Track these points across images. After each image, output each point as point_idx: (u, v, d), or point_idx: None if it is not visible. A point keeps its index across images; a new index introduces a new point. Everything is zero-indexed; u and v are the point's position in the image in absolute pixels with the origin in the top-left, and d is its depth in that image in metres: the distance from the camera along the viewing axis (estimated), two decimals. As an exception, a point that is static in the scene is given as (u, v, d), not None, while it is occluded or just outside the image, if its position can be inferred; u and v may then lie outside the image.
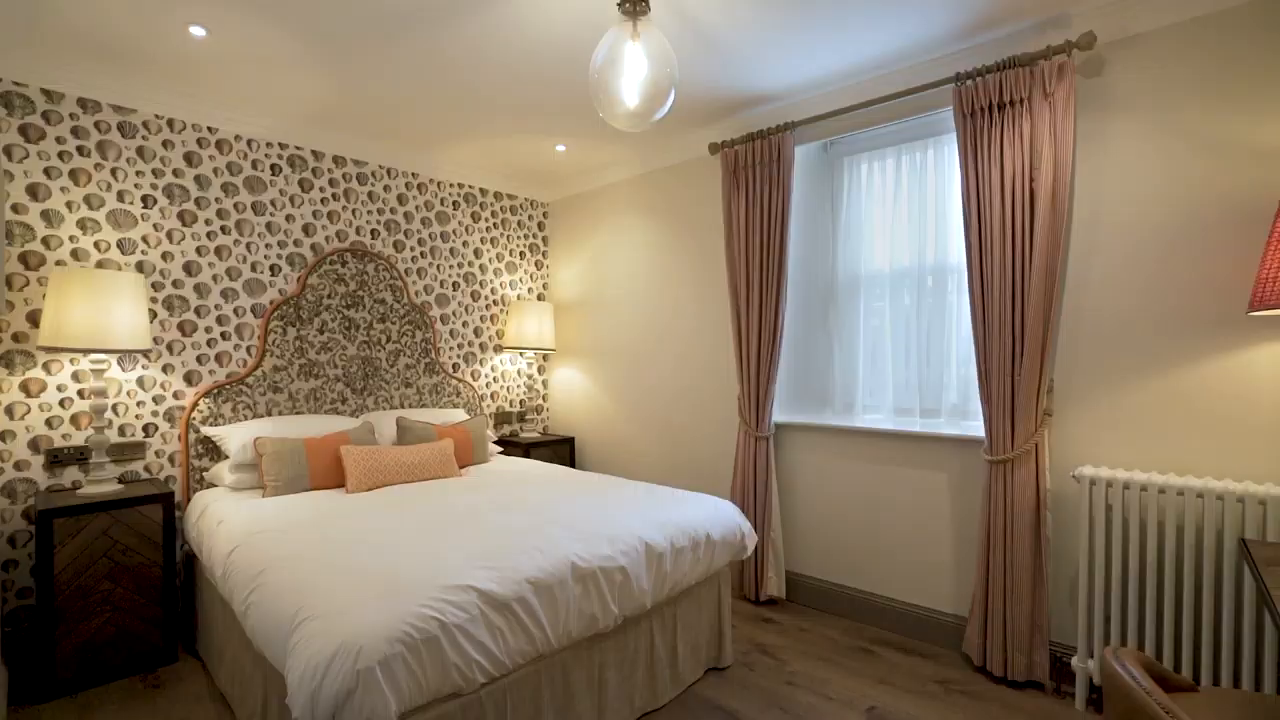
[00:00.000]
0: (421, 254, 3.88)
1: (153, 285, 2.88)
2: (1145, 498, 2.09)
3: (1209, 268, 2.10)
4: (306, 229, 3.37)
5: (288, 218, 3.30)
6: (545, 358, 4.61)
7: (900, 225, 3.01)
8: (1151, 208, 2.20)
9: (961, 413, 2.82)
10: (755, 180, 3.12)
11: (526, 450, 3.98)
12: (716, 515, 2.45)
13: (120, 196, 2.79)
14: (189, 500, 2.88)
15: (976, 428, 2.68)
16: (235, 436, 2.82)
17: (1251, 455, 2.03)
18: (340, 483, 2.86)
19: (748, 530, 2.54)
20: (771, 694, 2.31)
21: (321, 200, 3.43)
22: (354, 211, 3.57)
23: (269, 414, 3.18)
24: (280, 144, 3.27)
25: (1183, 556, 2.03)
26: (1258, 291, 1.71)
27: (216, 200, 3.06)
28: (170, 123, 2.92)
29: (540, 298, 4.57)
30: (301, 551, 1.92)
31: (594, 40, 2.45)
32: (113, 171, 2.77)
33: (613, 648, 2.07)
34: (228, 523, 2.31)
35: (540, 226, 4.57)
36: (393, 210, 3.74)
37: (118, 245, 2.78)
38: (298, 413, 3.28)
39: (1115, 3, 2.19)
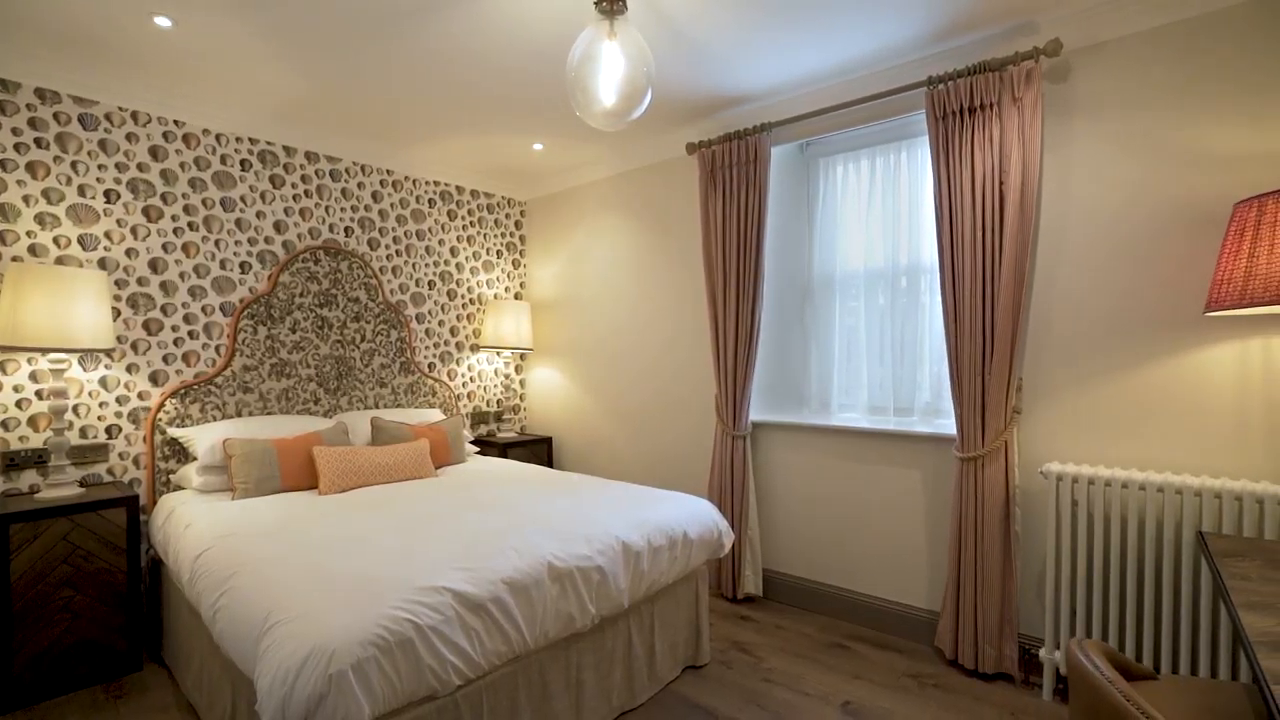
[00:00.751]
0: (396, 252, 3.83)
1: (116, 283, 2.80)
2: (1109, 493, 2.14)
3: (1169, 270, 2.16)
4: (278, 226, 3.31)
5: (258, 214, 3.23)
6: (523, 357, 4.58)
7: (875, 226, 3.05)
8: (1114, 211, 2.26)
9: (934, 411, 2.87)
10: (732, 180, 3.14)
11: (504, 450, 3.96)
12: (694, 514, 2.46)
13: (81, 191, 2.71)
14: (154, 503, 2.81)
15: (948, 426, 2.73)
16: (203, 438, 2.75)
17: (1208, 451, 2.10)
18: (313, 484, 2.81)
19: (725, 529, 2.56)
20: (749, 691, 2.33)
21: (293, 197, 3.37)
22: (327, 209, 3.51)
23: (239, 415, 3.11)
24: (250, 139, 3.20)
25: (1144, 549, 2.09)
26: (1213, 293, 1.76)
27: (184, 196, 2.99)
28: (134, 115, 2.84)
29: (518, 297, 4.54)
30: (272, 554, 1.88)
31: (571, 38, 2.44)
32: (73, 165, 2.68)
33: (590, 648, 2.06)
34: (195, 526, 2.25)
35: (517, 225, 4.54)
36: (367, 208, 3.68)
37: (79, 241, 2.70)
38: (269, 413, 3.21)
39: (1081, 11, 2.25)
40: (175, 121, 2.96)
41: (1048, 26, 2.33)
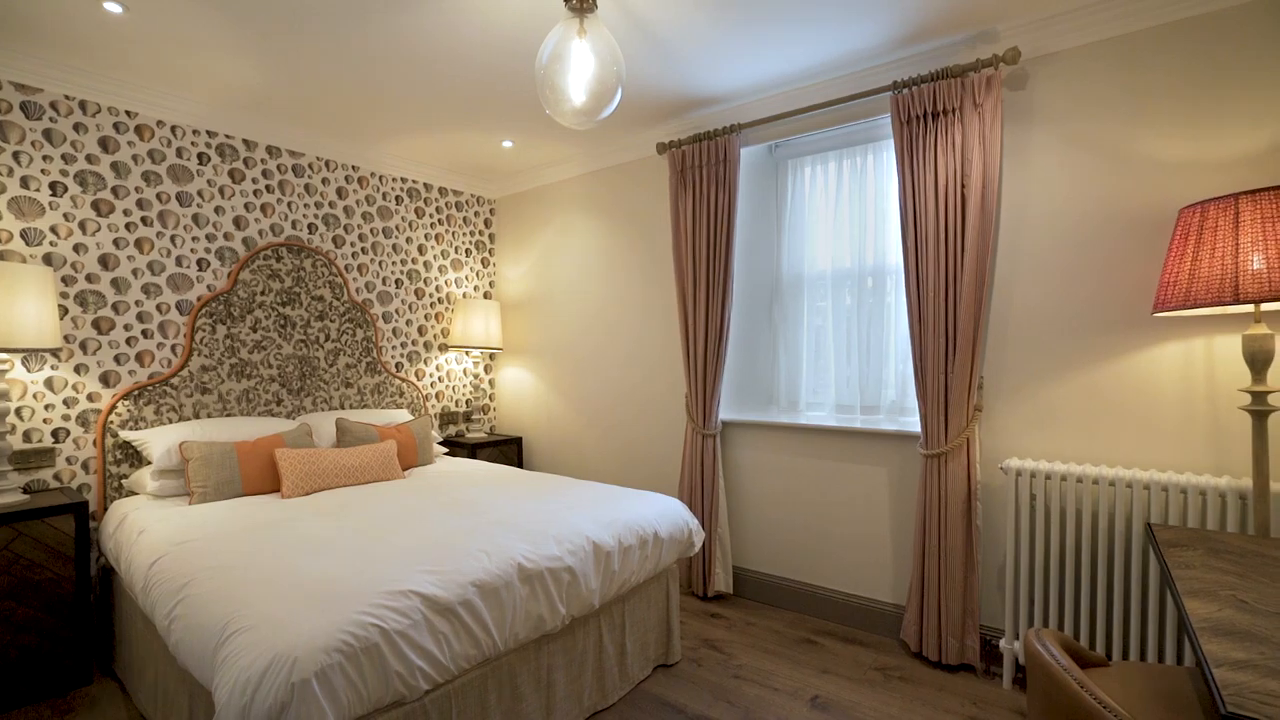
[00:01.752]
0: (362, 250, 3.76)
1: (63, 279, 2.68)
2: (1065, 487, 2.22)
3: (1120, 272, 2.25)
4: (238, 222, 3.21)
5: (217, 210, 3.13)
6: (492, 357, 4.54)
7: (842, 227, 3.10)
8: (1069, 215, 2.34)
9: (899, 409, 2.93)
10: (702, 180, 3.16)
11: (473, 451, 3.91)
12: (664, 513, 2.47)
13: (24, 183, 2.58)
14: (105, 510, 2.70)
15: (913, 423, 2.79)
16: (159, 441, 2.66)
17: (1157, 445, 2.19)
18: (275, 488, 2.74)
19: (695, 527, 2.57)
20: (719, 688, 2.35)
21: (254, 192, 3.27)
22: (290, 205, 3.42)
23: (196, 416, 3.01)
24: (209, 131, 3.10)
25: (1098, 541, 2.17)
26: (1160, 294, 1.84)
27: (137, 190, 2.88)
28: (83, 104, 2.73)
29: (487, 295, 4.49)
30: (232, 561, 1.83)
31: (541, 35, 2.43)
32: (15, 155, 2.56)
33: (561, 648, 2.05)
34: (150, 532, 2.17)
35: (487, 223, 4.49)
36: (331, 204, 3.60)
37: (21, 235, 2.58)
38: (229, 415, 3.12)
39: (1037, 21, 2.32)
40: (127, 112, 2.85)
41: (1007, 35, 2.40)
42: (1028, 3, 2.23)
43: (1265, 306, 1.80)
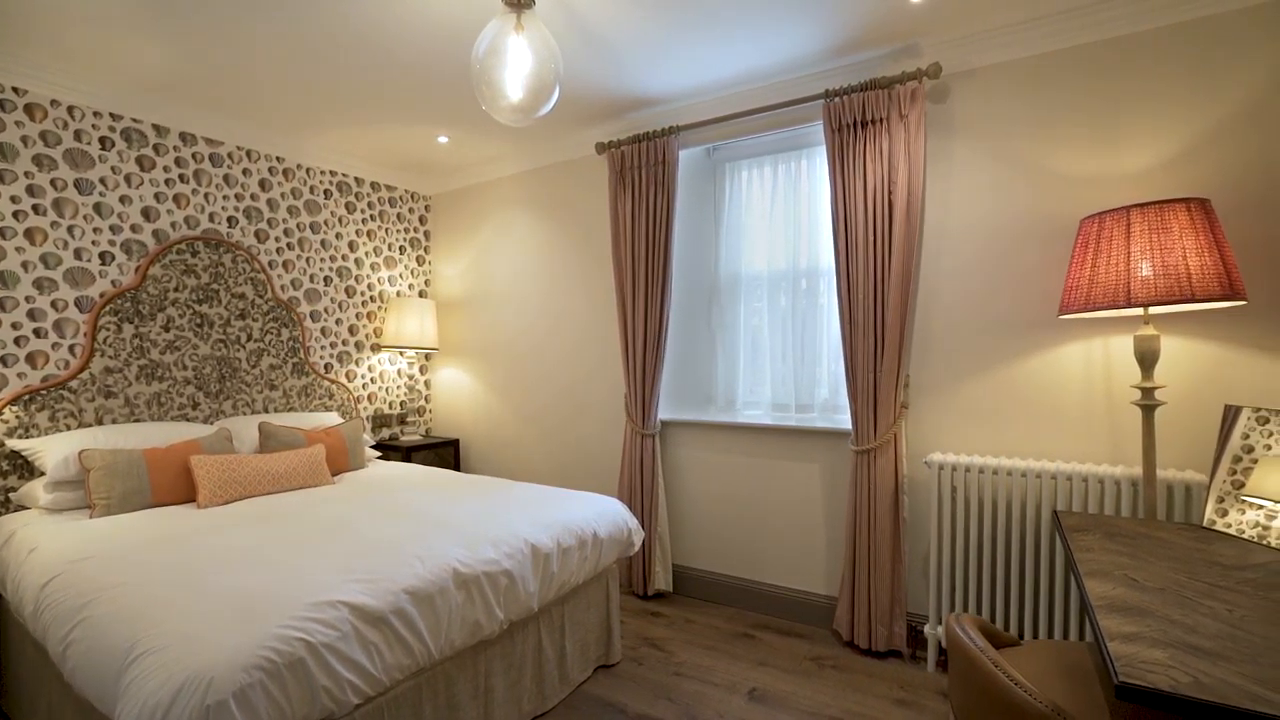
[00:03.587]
0: (288, 245, 3.57)
1: (-60, 273, 2.43)
2: (982, 479, 2.36)
3: (1030, 276, 2.41)
4: (147, 213, 2.99)
5: (122, 199, 2.91)
6: (428, 357, 4.41)
7: (777, 230, 3.18)
8: (985, 222, 2.49)
9: (832, 407, 3.03)
10: (641, 181, 3.17)
11: (408, 454, 3.79)
12: (603, 513, 2.46)
13: (-107, 166, 2.33)
14: (-8, 526, 2.46)
15: (845, 421, 2.90)
16: (54, 449, 2.44)
17: (1063, 438, 2.36)
18: (190, 497, 2.57)
19: (635, 527, 2.58)
20: (659, 686, 2.36)
21: (166, 181, 3.06)
22: (207, 196, 3.21)
23: (100, 422, 2.79)
24: (112, 114, 2.88)
25: (1012, 529, 2.32)
26: (1064, 298, 1.98)
27: (26, 175, 2.64)
28: (-37, 81, 2.48)
29: (422, 294, 4.36)
30: (139, 577, 1.70)
31: (477, 28, 2.38)
32: (-119, 135, 2.30)
33: (499, 654, 2.02)
34: (42, 550, 2.00)
35: (422, 220, 4.36)
36: (254, 197, 3.41)
37: (-111, 224, 2.32)
38: (137, 420, 2.90)
39: (957, 39, 2.46)
40: (15, 89, 2.61)
41: (929, 51, 2.53)
42: (948, 21, 2.35)
43: (1153, 310, 1.97)
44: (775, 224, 3.18)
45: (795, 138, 3.09)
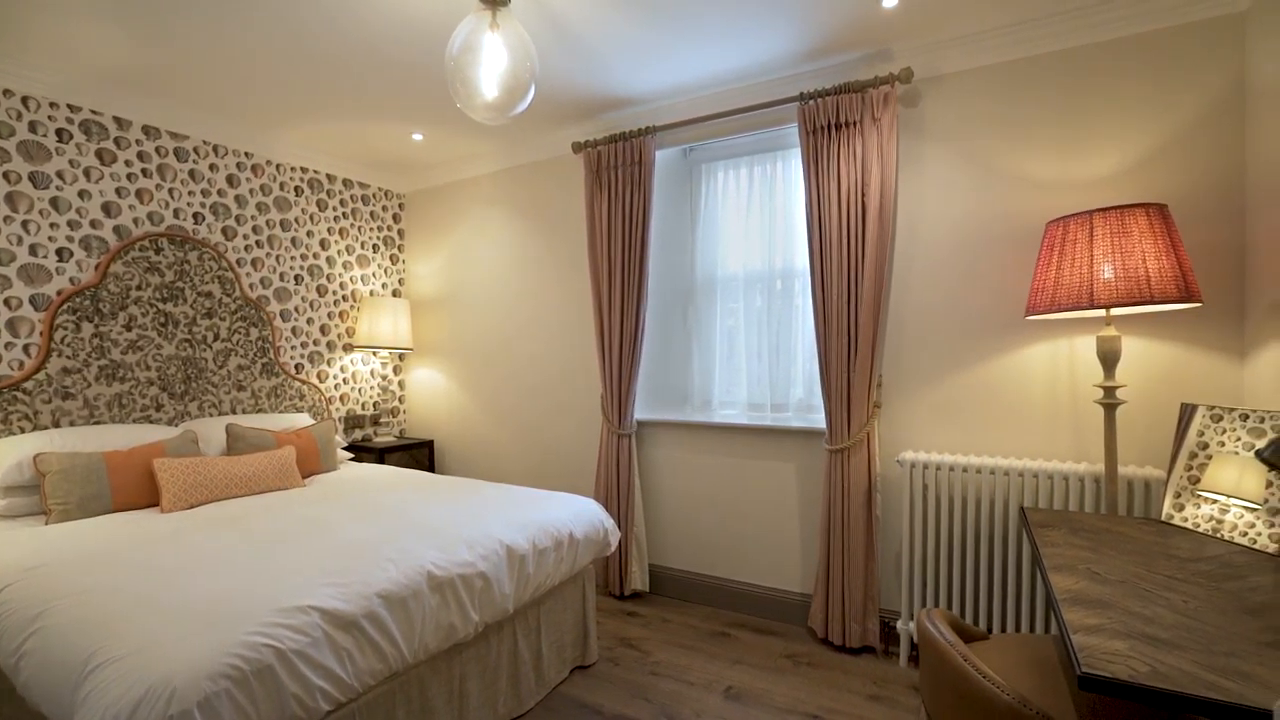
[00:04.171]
0: (257, 243, 3.50)
1: (-116, 269, 2.33)
2: (953, 477, 2.40)
3: (999, 278, 2.46)
4: (108, 209, 2.90)
5: (81, 194, 2.82)
6: (402, 357, 4.35)
7: (753, 231, 3.20)
8: (956, 225, 2.54)
9: (807, 407, 3.06)
10: (618, 181, 3.17)
11: (381, 455, 3.74)
12: (579, 514, 2.46)
13: None
14: (-59, 533, 2.36)
15: (819, 420, 2.93)
16: (7, 453, 2.36)
17: (1029, 436, 2.41)
18: (154, 501, 2.49)
19: (611, 527, 2.58)
20: (636, 686, 2.37)
21: (128, 176, 2.97)
22: (171, 191, 3.12)
23: (57, 425, 2.69)
24: (70, 105, 2.78)
25: (980, 525, 2.37)
26: (1031, 299, 2.03)
27: (-21, 169, 2.54)
28: (-90, 70, 2.37)
29: (396, 294, 4.30)
30: (98, 584, 1.65)
31: (453, 25, 2.35)
32: None
33: (473, 657, 2.00)
34: (-5, 557, 1.92)
35: (396, 218, 4.30)
36: (221, 193, 3.33)
37: None
38: (97, 422, 2.81)
39: (928, 45, 2.50)
40: (-32, 81, 2.51)
41: (901, 56, 2.57)
42: (919, 27, 2.39)
43: (1115, 311, 2.03)
44: (751, 225, 3.21)
45: (771, 139, 3.12)
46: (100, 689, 1.26)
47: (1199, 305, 2.11)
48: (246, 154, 3.44)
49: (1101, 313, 2.09)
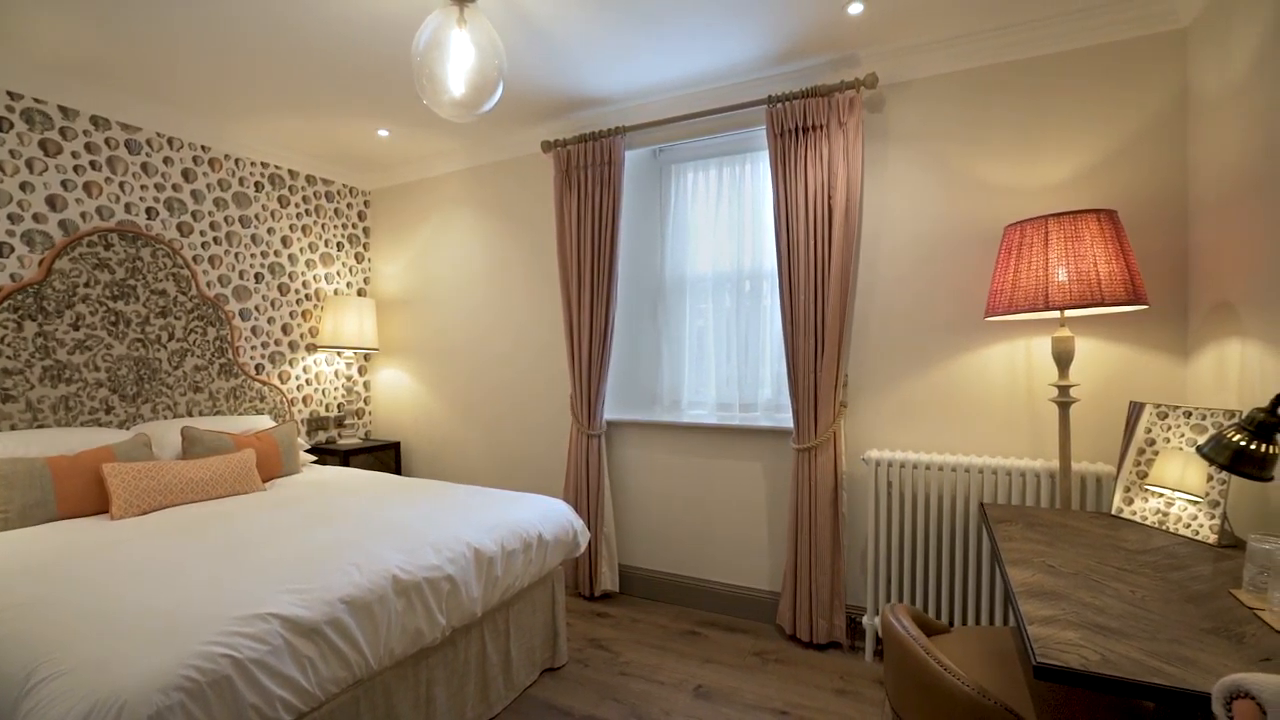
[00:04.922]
0: (215, 240, 3.39)
1: None
2: (916, 474, 2.46)
3: (960, 280, 2.53)
4: (52, 202, 2.77)
5: (23, 186, 2.69)
6: (367, 358, 4.26)
7: (722, 232, 3.23)
8: (918, 227, 2.60)
9: (775, 407, 3.10)
10: (587, 181, 3.16)
11: (346, 458, 3.65)
12: (548, 515, 2.44)
13: None
14: None
15: (787, 420, 2.97)
16: (-58, 458, 2.24)
17: (989, 433, 2.48)
18: (103, 508, 2.40)
19: (580, 528, 2.57)
20: (605, 687, 2.36)
21: (74, 168, 2.84)
22: (122, 185, 3.01)
23: (-4, 429, 2.57)
24: (10, 93, 2.65)
25: (942, 521, 2.43)
26: (990, 301, 2.09)
27: (-89, 159, 2.40)
28: None
29: (361, 293, 4.21)
30: (38, 596, 1.57)
31: (419, 19, 2.31)
32: None
33: (441, 662, 1.97)
34: (-71, 568, 1.82)
35: (361, 216, 4.21)
36: (176, 187, 3.21)
37: None
38: (40, 425, 2.69)
39: (892, 51, 2.56)
40: (-102, 65, 2.37)
41: (867, 61, 2.62)
42: (883, 34, 2.44)
43: (1068, 313, 2.10)
44: (720, 226, 3.23)
45: (740, 141, 3.15)
46: (43, 705, 1.20)
47: (1146, 308, 2.20)
48: (204, 147, 3.33)
49: (1056, 314, 2.16)
